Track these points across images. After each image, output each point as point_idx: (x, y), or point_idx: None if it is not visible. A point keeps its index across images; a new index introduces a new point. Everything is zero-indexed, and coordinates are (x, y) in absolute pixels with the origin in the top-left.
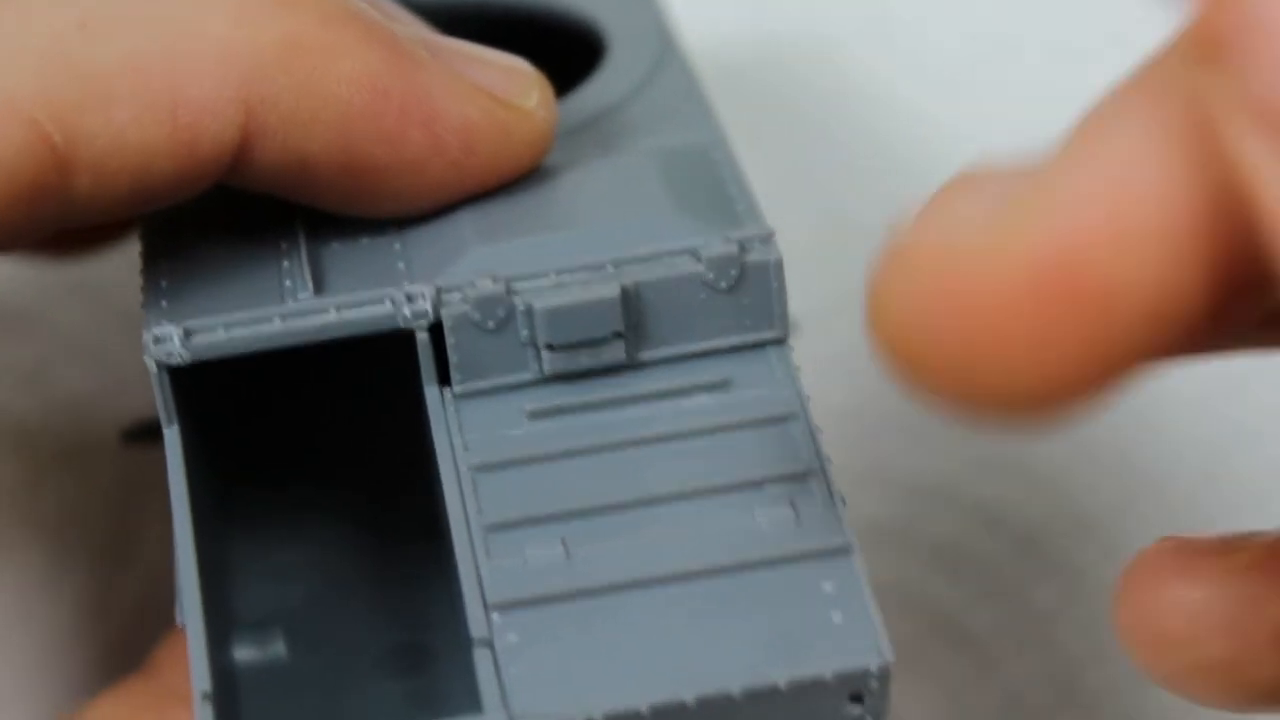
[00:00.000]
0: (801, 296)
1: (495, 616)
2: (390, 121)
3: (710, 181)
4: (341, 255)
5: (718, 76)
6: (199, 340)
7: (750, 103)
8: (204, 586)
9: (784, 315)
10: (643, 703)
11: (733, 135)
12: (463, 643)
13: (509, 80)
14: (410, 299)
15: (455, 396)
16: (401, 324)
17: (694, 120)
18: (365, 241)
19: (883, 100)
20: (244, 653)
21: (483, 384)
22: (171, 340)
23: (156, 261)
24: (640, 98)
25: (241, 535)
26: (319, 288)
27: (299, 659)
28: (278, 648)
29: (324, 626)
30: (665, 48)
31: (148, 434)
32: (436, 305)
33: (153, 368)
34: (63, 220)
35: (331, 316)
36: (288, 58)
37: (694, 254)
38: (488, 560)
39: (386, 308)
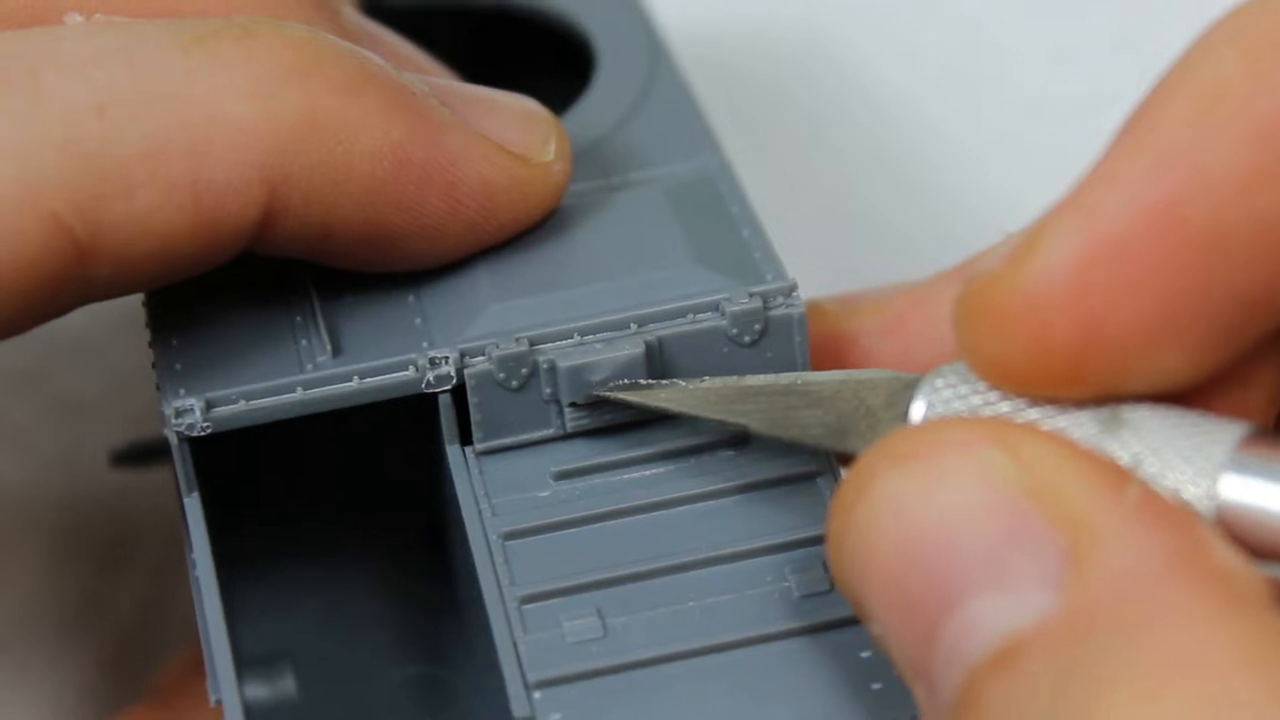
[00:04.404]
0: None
1: (537, 695)
2: (411, 190)
3: (723, 222)
4: (355, 308)
5: (716, 75)
6: (220, 412)
7: (750, 102)
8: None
9: (806, 368)
10: None
11: (731, 135)
12: (484, 681)
13: (527, 131)
14: (434, 363)
15: (477, 455)
16: (425, 389)
17: (694, 141)
18: (378, 293)
19: (882, 99)
20: (254, 690)
21: (504, 441)
22: (193, 413)
23: (165, 319)
24: (637, 117)
25: (243, 571)
26: (336, 349)
27: (311, 693)
28: (287, 683)
29: (333, 660)
30: (655, 55)
31: (136, 457)
32: (460, 368)
33: (174, 440)
34: (82, 302)
35: (354, 385)
36: (308, 135)
37: (718, 309)
38: (524, 635)
39: (410, 374)
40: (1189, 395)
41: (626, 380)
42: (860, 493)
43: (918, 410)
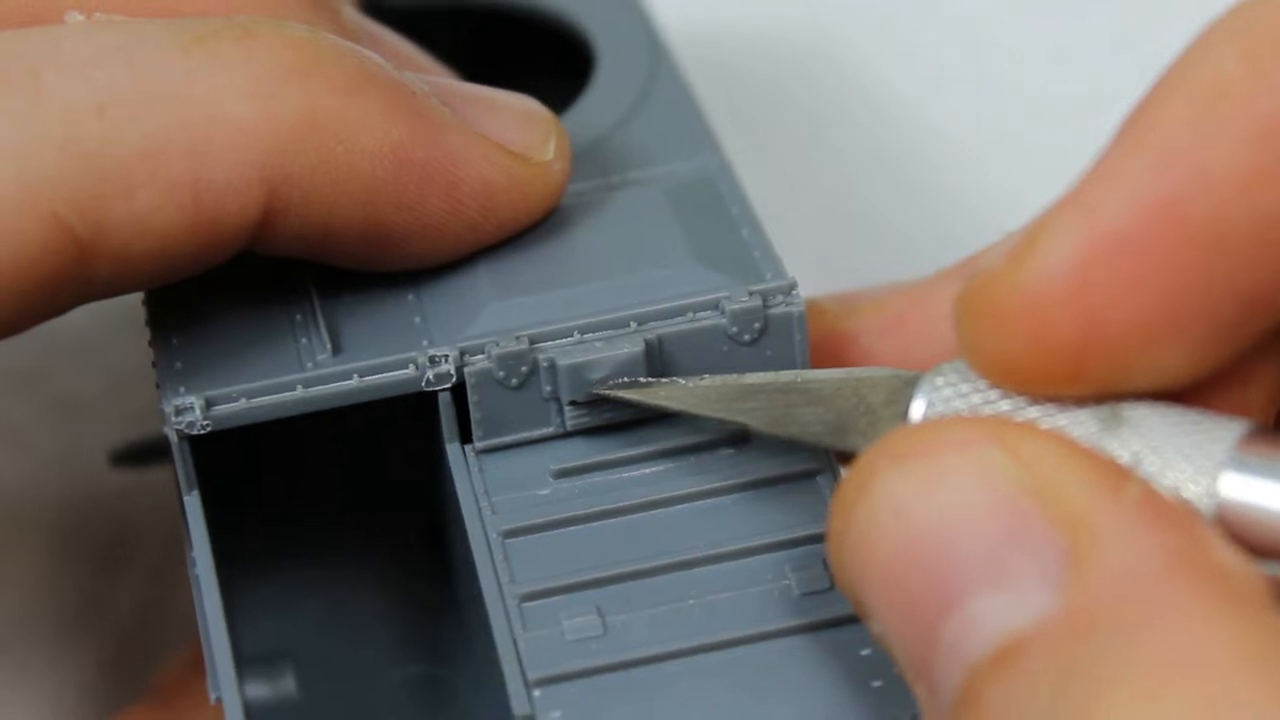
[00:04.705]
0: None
1: (536, 693)
2: (411, 190)
3: (722, 222)
4: (355, 307)
5: (717, 75)
6: (220, 411)
7: (750, 102)
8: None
9: (806, 366)
10: None
11: (731, 135)
12: (485, 680)
13: (527, 130)
14: (434, 361)
15: (477, 453)
16: (425, 387)
17: (694, 141)
18: (378, 292)
19: (882, 99)
20: (255, 689)
21: (504, 439)
22: (193, 411)
23: (165, 318)
24: (637, 116)
25: (244, 569)
26: (336, 347)
27: (312, 692)
28: (288, 682)
29: (334, 659)
30: (655, 55)
31: (136, 457)
32: (460, 366)
33: (174, 438)
34: (81, 301)
35: (354, 383)
36: (308, 135)
37: (717, 307)
38: (524, 633)
39: (410, 372)
40: (1189, 393)
41: (627, 379)
42: (860, 491)
43: (917, 408)
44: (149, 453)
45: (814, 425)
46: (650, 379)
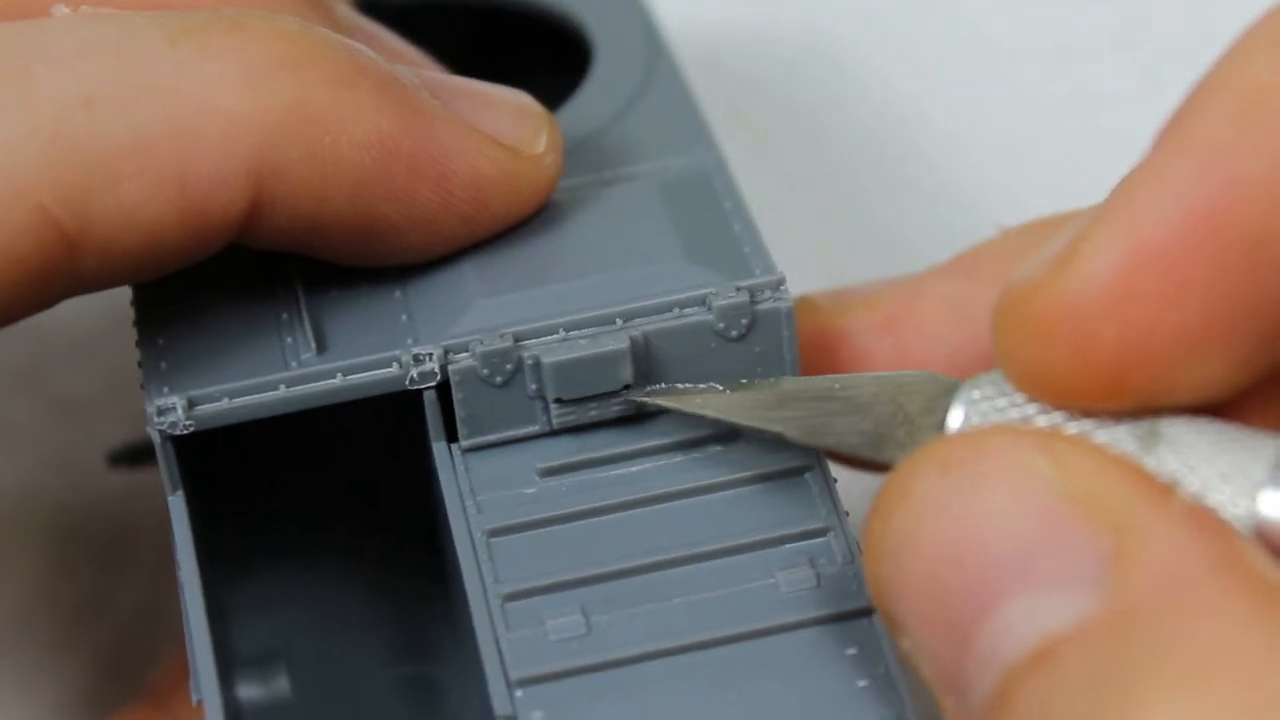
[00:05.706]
0: (801, 293)
1: (519, 693)
2: (401, 181)
3: (714, 217)
4: (341, 305)
5: (717, 74)
6: (203, 410)
7: (750, 102)
8: (216, 659)
9: (795, 362)
10: None
11: (731, 136)
12: (472, 677)
13: (519, 124)
14: (418, 360)
15: (463, 452)
16: (409, 385)
17: (689, 137)
18: (365, 289)
19: (882, 99)
20: (248, 691)
21: (490, 438)
22: (175, 411)
23: (151, 317)
24: (632, 112)
25: (235, 571)
26: (321, 345)
27: (304, 694)
28: (281, 684)
29: (325, 660)
30: (653, 51)
31: (133, 458)
32: (444, 365)
33: (156, 439)
34: (68, 294)
35: (337, 382)
36: (297, 126)
37: (704, 303)
38: (507, 633)
39: (394, 370)
40: (1228, 407)
41: (664, 385)
42: (901, 496)
43: (955, 419)
44: (146, 453)
45: (851, 436)
46: (687, 385)
